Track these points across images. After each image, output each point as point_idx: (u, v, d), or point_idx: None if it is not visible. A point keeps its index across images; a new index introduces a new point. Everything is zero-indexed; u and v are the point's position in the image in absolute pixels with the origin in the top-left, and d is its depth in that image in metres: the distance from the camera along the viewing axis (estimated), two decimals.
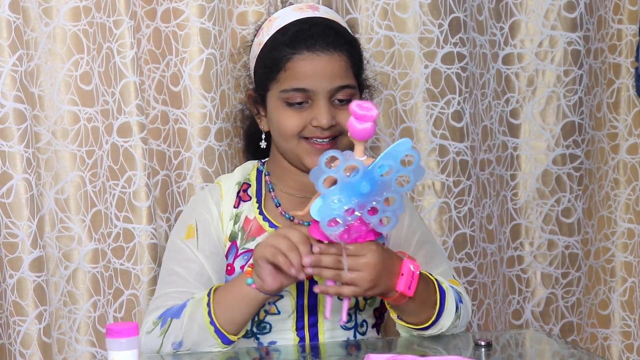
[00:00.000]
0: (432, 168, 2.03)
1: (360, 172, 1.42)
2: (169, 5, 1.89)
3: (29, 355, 1.78)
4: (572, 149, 2.17)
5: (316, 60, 1.64)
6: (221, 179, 1.77)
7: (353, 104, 1.44)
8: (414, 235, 1.74)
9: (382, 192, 1.45)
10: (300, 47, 1.65)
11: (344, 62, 1.66)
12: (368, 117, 1.44)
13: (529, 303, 2.19)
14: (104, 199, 1.88)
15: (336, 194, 1.43)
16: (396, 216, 1.47)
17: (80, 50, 1.86)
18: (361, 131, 1.44)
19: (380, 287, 1.52)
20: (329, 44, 1.65)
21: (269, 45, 1.69)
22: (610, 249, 2.22)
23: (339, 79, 1.65)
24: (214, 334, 1.57)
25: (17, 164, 1.76)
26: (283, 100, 1.66)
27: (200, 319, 1.58)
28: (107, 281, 1.89)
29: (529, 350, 1.66)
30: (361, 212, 1.44)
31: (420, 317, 1.60)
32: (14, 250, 1.77)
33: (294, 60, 1.64)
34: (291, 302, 1.67)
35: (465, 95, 2.03)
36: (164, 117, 1.93)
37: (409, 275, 1.54)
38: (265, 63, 1.69)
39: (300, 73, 1.64)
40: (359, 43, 1.74)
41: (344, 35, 1.70)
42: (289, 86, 1.65)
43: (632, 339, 2.21)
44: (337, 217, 1.43)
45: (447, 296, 1.62)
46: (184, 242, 1.69)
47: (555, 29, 2.14)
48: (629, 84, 2.18)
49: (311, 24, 1.68)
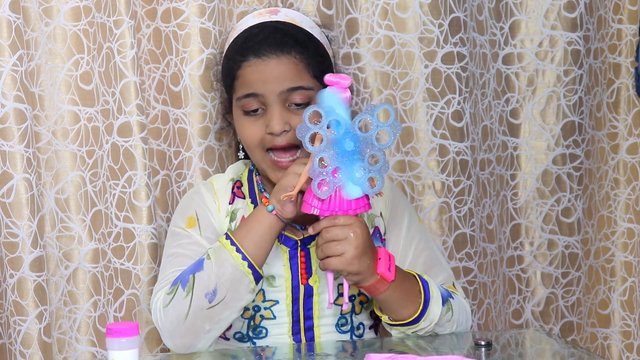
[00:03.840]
0: (432, 168, 2.03)
1: (343, 127, 1.48)
2: (169, 5, 1.89)
3: (29, 355, 1.78)
4: (572, 148, 2.17)
5: (262, 65, 1.64)
6: (213, 179, 1.77)
7: (327, 75, 1.52)
8: (412, 242, 1.74)
9: (365, 150, 1.49)
10: (248, 54, 1.65)
11: (295, 64, 1.64)
12: (342, 84, 1.50)
13: (529, 303, 2.20)
14: (104, 199, 1.88)
15: (323, 151, 1.48)
16: (382, 176, 1.51)
17: (80, 50, 1.87)
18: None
19: (363, 260, 1.53)
20: (275, 48, 1.64)
21: (226, 56, 1.72)
22: (610, 248, 2.22)
23: (289, 80, 1.63)
24: (247, 270, 1.56)
25: (17, 164, 1.76)
26: (241, 108, 1.67)
27: (230, 258, 1.56)
28: (107, 281, 1.89)
29: (529, 349, 1.66)
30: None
31: (408, 308, 1.60)
32: (14, 250, 1.77)
33: (243, 67, 1.65)
34: (287, 307, 1.67)
35: (465, 95, 2.03)
36: (164, 117, 1.93)
37: (386, 258, 1.57)
38: (224, 73, 1.73)
39: (249, 80, 1.64)
40: (319, 43, 1.71)
41: (296, 37, 1.67)
42: (242, 93, 1.66)
43: (632, 339, 2.21)
44: (326, 177, 1.48)
45: (430, 285, 1.63)
46: (186, 230, 1.69)
47: (555, 28, 2.14)
48: (629, 83, 2.18)
49: (261, 28, 1.68)
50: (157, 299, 1.62)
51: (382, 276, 1.55)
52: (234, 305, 1.57)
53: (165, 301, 1.59)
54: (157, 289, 1.64)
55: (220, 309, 1.57)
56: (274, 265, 1.67)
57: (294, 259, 1.67)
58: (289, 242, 1.68)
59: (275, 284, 1.67)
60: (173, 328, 1.59)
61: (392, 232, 1.74)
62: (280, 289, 1.67)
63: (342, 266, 1.53)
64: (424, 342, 1.61)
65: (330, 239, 1.53)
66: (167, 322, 1.59)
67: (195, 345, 1.59)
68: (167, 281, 1.63)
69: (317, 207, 1.52)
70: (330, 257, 1.53)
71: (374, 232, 1.72)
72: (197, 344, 1.59)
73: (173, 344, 1.60)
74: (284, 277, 1.67)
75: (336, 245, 1.53)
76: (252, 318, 1.67)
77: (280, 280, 1.67)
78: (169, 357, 1.62)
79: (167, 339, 1.61)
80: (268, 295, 1.67)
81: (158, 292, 1.63)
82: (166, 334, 1.60)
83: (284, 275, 1.67)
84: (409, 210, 1.78)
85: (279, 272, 1.67)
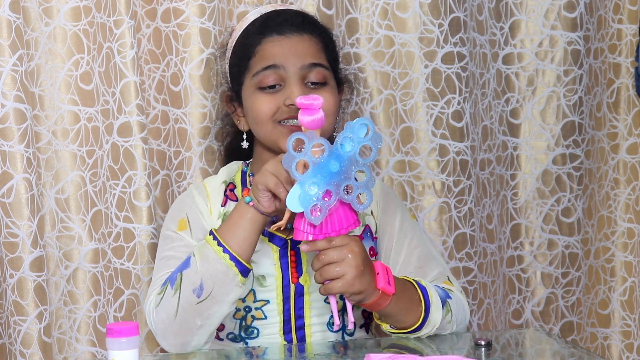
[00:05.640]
0: (432, 168, 2.03)
1: (327, 151, 1.46)
2: (169, 5, 1.89)
3: (29, 355, 1.78)
4: (572, 148, 2.17)
5: (285, 40, 1.66)
6: (206, 181, 1.77)
7: (298, 97, 1.49)
8: (405, 238, 1.74)
9: (351, 167, 1.48)
10: (269, 32, 1.66)
11: (315, 43, 1.68)
12: (314, 105, 1.49)
13: (529, 303, 2.20)
14: (104, 199, 1.88)
15: (311, 177, 1.46)
16: (369, 190, 1.50)
17: (80, 50, 1.87)
18: (311, 122, 1.49)
19: (364, 279, 1.51)
20: (298, 27, 1.67)
21: (240, 39, 1.72)
22: (610, 248, 2.22)
23: (310, 56, 1.66)
24: (230, 262, 1.55)
25: (17, 164, 1.76)
26: (256, 86, 1.66)
27: (213, 253, 1.56)
28: (107, 281, 1.89)
29: (529, 349, 1.66)
30: (338, 191, 1.47)
31: (410, 317, 1.60)
32: (14, 250, 1.77)
33: (263, 43, 1.66)
34: (278, 306, 1.67)
35: (465, 95, 2.03)
36: (164, 117, 1.93)
37: (384, 272, 1.55)
38: (237, 55, 1.71)
39: (269, 53, 1.65)
40: (332, 34, 1.76)
41: (315, 22, 1.73)
42: (260, 67, 1.65)
43: (632, 339, 2.21)
44: (317, 203, 1.46)
45: (429, 290, 1.62)
46: (177, 232, 1.69)
47: (555, 28, 2.14)
48: (629, 83, 2.18)
49: (280, 12, 1.71)
50: (149, 301, 1.62)
51: (383, 291, 1.54)
52: (222, 299, 1.56)
53: (156, 301, 1.60)
54: (150, 292, 1.64)
55: (209, 303, 1.56)
56: (264, 265, 1.67)
57: (284, 258, 1.67)
58: (279, 241, 1.68)
59: (266, 284, 1.67)
60: (165, 327, 1.59)
61: (385, 229, 1.74)
62: (271, 289, 1.67)
63: (345, 288, 1.50)
64: (424, 342, 1.61)
65: (327, 261, 1.50)
66: (159, 321, 1.59)
67: (190, 342, 1.59)
68: (159, 284, 1.63)
69: (310, 233, 1.49)
70: (330, 280, 1.51)
71: (365, 231, 1.72)
72: (191, 341, 1.59)
73: (167, 343, 1.60)
74: (274, 276, 1.67)
75: (335, 268, 1.50)
76: (243, 318, 1.67)
77: (270, 279, 1.67)
78: (169, 357, 1.62)
79: (161, 339, 1.61)
80: (259, 295, 1.67)
81: (151, 293, 1.63)
82: (159, 334, 1.60)
83: (274, 274, 1.67)
84: (401, 208, 1.78)
85: (269, 272, 1.67)
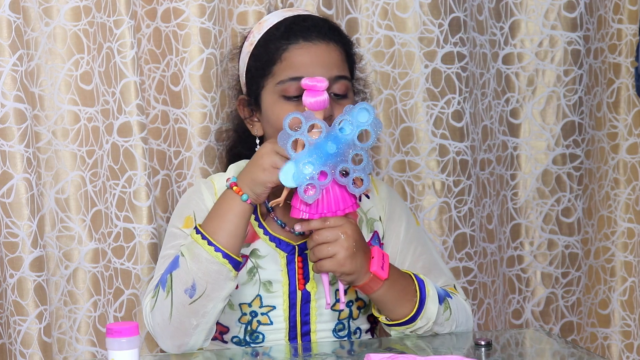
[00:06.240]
0: (432, 168, 2.03)
1: (324, 132, 1.48)
2: (169, 5, 1.89)
3: (29, 355, 1.78)
4: (572, 148, 2.17)
5: (313, 48, 1.63)
6: (214, 177, 1.74)
7: (304, 78, 1.53)
8: (410, 246, 1.73)
9: (348, 151, 1.49)
10: (296, 38, 1.64)
11: (340, 53, 1.66)
12: (318, 87, 1.52)
13: (529, 302, 2.20)
14: (105, 199, 1.88)
15: (306, 157, 1.47)
16: (366, 175, 1.52)
17: (80, 50, 1.87)
18: (314, 103, 1.52)
19: (356, 260, 1.53)
20: (324, 34, 1.64)
21: (262, 42, 1.68)
22: (610, 248, 2.22)
23: (337, 68, 1.63)
24: (223, 260, 1.54)
25: (17, 164, 1.76)
26: (280, 94, 1.63)
27: (204, 252, 1.55)
28: (107, 281, 1.89)
29: (529, 349, 1.66)
30: (334, 173, 1.49)
31: (404, 306, 1.60)
32: (14, 249, 1.77)
33: (290, 49, 1.63)
34: (284, 312, 1.67)
35: (465, 94, 2.03)
36: (164, 117, 1.93)
37: (379, 257, 1.57)
38: (258, 58, 1.67)
39: (297, 62, 1.62)
40: (353, 44, 1.74)
41: (340, 31, 1.71)
42: (286, 76, 1.62)
43: (632, 339, 2.21)
44: (312, 181, 1.47)
45: (426, 283, 1.62)
46: (183, 230, 1.67)
47: (555, 28, 2.14)
48: (629, 83, 2.18)
49: (304, 18, 1.69)
50: (146, 304, 1.62)
51: (375, 274, 1.55)
52: (216, 296, 1.56)
53: (151, 305, 1.60)
54: (146, 294, 1.64)
55: (203, 302, 1.56)
56: (271, 271, 1.66)
57: (292, 264, 1.67)
58: (286, 247, 1.67)
59: (273, 290, 1.66)
60: (161, 330, 1.58)
61: (390, 236, 1.73)
62: (277, 295, 1.66)
63: (335, 267, 1.53)
64: (424, 342, 1.61)
65: (321, 241, 1.53)
66: (155, 325, 1.59)
67: (188, 342, 1.58)
68: (152, 287, 1.62)
69: (306, 212, 1.52)
70: (322, 259, 1.54)
71: (373, 237, 1.72)
72: (189, 340, 1.58)
73: (166, 345, 1.60)
74: (281, 282, 1.66)
75: (327, 247, 1.53)
76: (249, 323, 1.67)
77: (277, 285, 1.66)
78: (169, 357, 1.62)
79: (159, 341, 1.61)
80: (265, 301, 1.66)
81: (148, 294, 1.63)
82: (157, 336, 1.60)
83: (281, 280, 1.66)
84: (407, 214, 1.77)
85: (276, 278, 1.66)
